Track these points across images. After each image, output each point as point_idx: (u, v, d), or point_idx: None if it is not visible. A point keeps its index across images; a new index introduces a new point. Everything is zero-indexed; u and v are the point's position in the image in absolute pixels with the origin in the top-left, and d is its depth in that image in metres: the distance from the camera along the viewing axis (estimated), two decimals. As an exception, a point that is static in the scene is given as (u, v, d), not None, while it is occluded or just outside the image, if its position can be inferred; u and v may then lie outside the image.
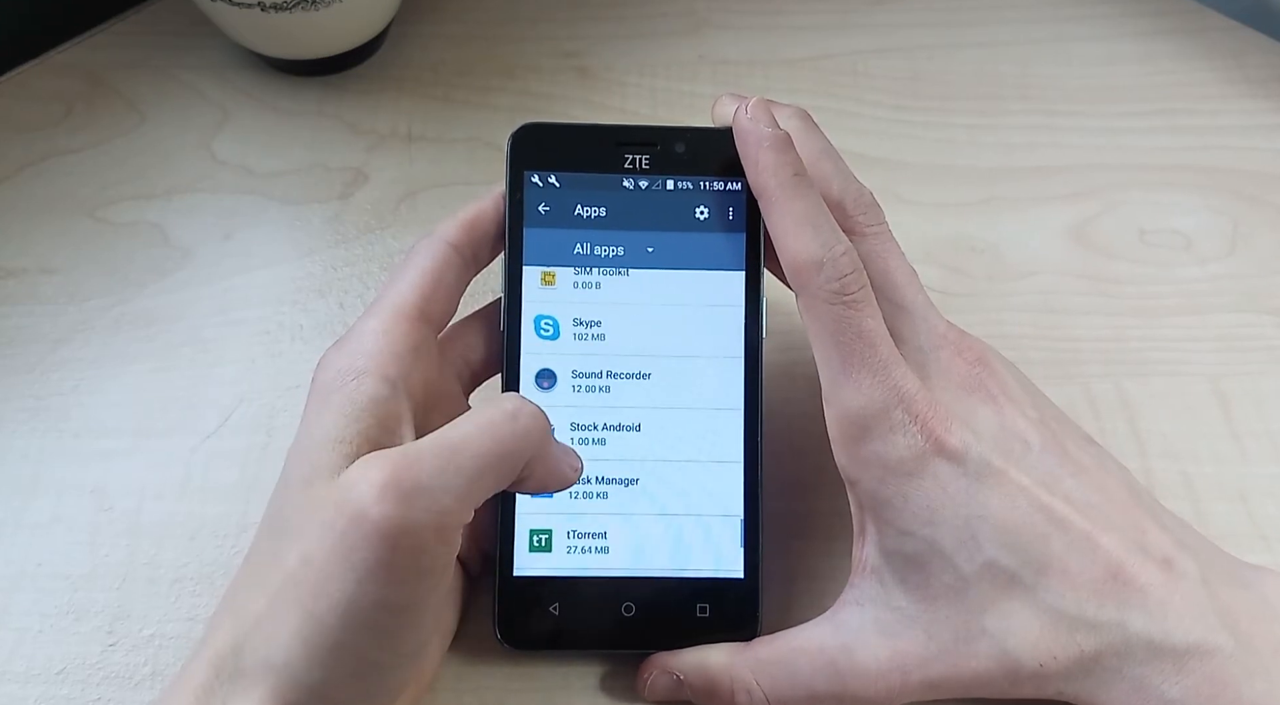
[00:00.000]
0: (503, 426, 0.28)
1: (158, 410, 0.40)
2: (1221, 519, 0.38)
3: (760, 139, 0.32)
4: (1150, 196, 0.46)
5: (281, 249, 0.44)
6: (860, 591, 0.32)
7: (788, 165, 0.32)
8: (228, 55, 0.50)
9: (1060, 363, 0.42)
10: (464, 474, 0.27)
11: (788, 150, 0.32)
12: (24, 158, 0.47)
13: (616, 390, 0.34)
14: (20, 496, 0.38)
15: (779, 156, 0.32)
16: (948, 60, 0.51)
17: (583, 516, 0.34)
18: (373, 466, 0.27)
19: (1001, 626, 0.30)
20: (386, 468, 0.27)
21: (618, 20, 0.52)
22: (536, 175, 0.35)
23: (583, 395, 0.34)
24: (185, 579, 0.37)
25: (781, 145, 0.32)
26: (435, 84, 0.50)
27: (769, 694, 0.32)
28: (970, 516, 0.30)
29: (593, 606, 0.34)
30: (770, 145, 0.32)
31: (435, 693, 0.34)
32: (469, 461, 0.28)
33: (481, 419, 0.28)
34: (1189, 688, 0.29)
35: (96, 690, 0.35)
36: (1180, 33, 0.52)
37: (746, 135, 0.32)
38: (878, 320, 0.31)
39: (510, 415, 0.29)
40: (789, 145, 0.32)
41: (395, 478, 0.27)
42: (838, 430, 0.32)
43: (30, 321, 0.42)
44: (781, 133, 0.32)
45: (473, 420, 0.28)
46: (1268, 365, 0.42)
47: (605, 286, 0.34)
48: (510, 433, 0.28)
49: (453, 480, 0.27)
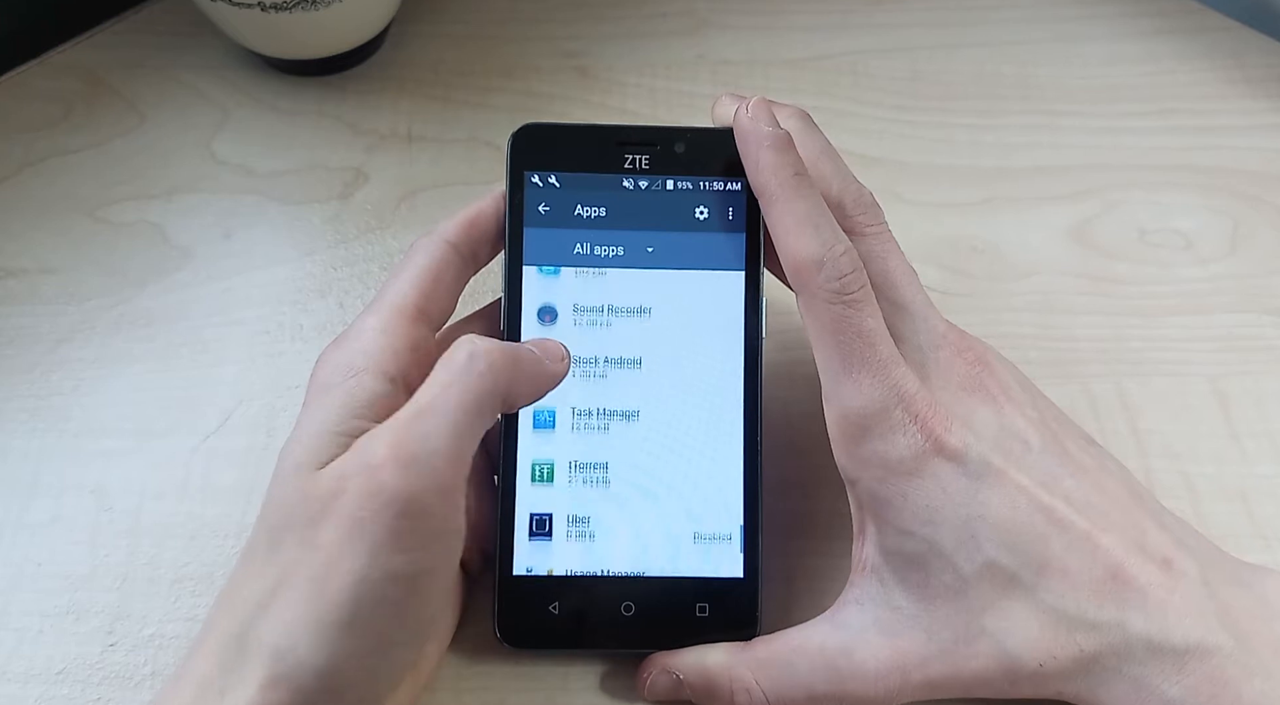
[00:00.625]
0: (466, 377, 0.29)
1: (158, 410, 0.40)
2: (1221, 519, 0.38)
3: (761, 139, 0.32)
4: (1150, 196, 0.46)
5: (281, 249, 0.44)
6: (860, 591, 0.32)
7: (788, 165, 0.32)
8: (228, 55, 0.50)
9: (1060, 363, 0.42)
10: (445, 433, 0.28)
11: (788, 150, 0.32)
12: (24, 158, 0.47)
13: (616, 390, 0.34)
14: (20, 496, 0.38)
15: (779, 156, 0.32)
16: (948, 60, 0.51)
17: (583, 514, 0.34)
18: (377, 441, 0.28)
19: (1001, 626, 0.30)
20: (389, 440, 0.28)
21: (618, 20, 0.52)
22: (536, 175, 0.35)
23: (581, 431, 0.34)
24: (185, 579, 0.37)
25: (782, 145, 0.32)
26: (435, 84, 0.50)
27: (769, 693, 0.32)
28: (970, 516, 0.30)
29: (592, 606, 0.34)
30: (771, 145, 0.32)
31: (435, 692, 0.34)
32: (446, 419, 0.29)
33: (445, 376, 0.29)
34: (1189, 687, 0.29)
35: (96, 690, 0.35)
36: (1180, 33, 0.52)
37: (747, 135, 0.32)
38: (878, 320, 0.31)
39: (466, 363, 0.30)
40: (790, 145, 0.32)
41: (395, 450, 0.28)
42: (837, 429, 0.32)
43: (30, 321, 0.42)
44: (782, 132, 0.32)
45: (437, 380, 0.29)
46: (1268, 365, 0.42)
47: (605, 287, 0.34)
48: (476, 378, 0.29)
49: (438, 442, 0.28)
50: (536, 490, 0.34)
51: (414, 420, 0.29)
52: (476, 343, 0.30)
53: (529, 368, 0.32)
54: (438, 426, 0.28)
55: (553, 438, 0.34)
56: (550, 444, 0.34)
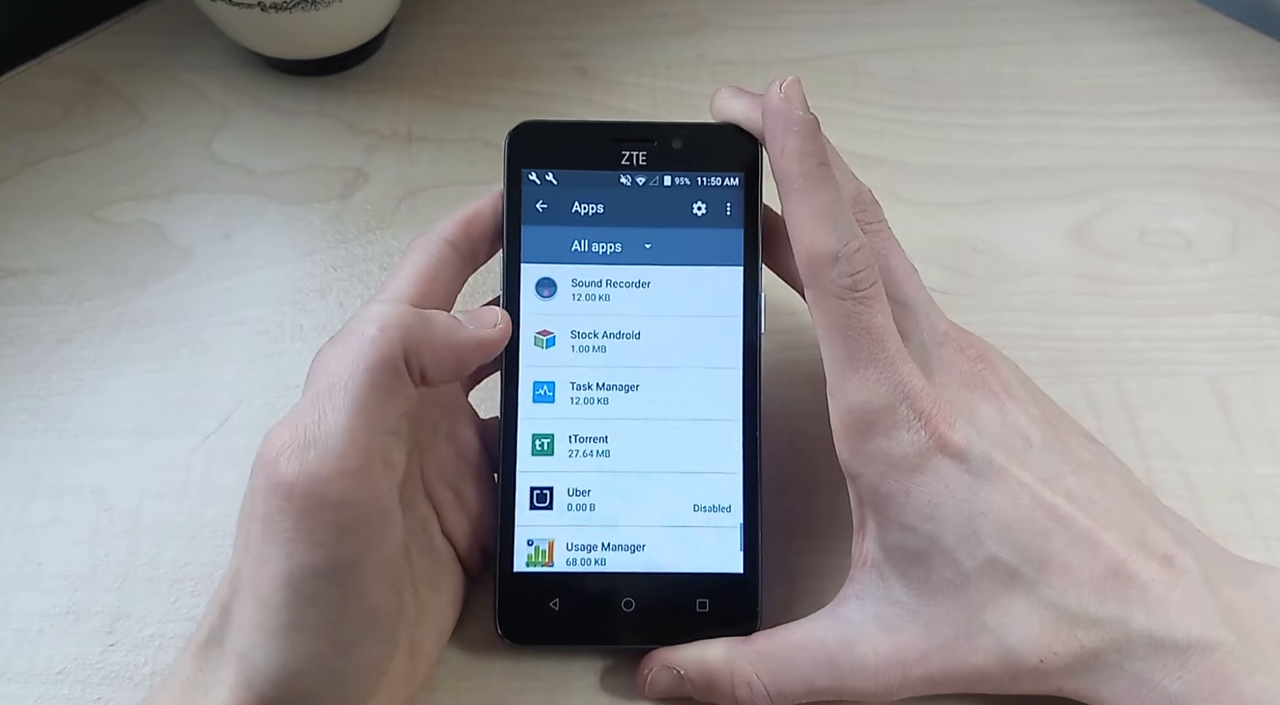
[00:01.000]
0: (360, 347, 0.28)
1: (158, 410, 0.40)
2: (1221, 519, 0.38)
3: (790, 122, 0.31)
4: (1150, 196, 0.46)
5: (281, 249, 0.44)
6: (861, 586, 0.32)
7: (813, 154, 0.31)
8: (228, 55, 0.50)
9: (1060, 363, 0.42)
10: (344, 410, 0.27)
11: (815, 137, 0.31)
12: (24, 158, 0.47)
13: (615, 390, 0.34)
14: (20, 496, 0.38)
15: (805, 143, 0.31)
16: (948, 60, 0.51)
17: (583, 516, 0.34)
18: (274, 432, 0.27)
19: (1002, 622, 0.30)
20: (285, 429, 0.27)
21: (618, 20, 0.52)
22: (534, 173, 0.35)
23: (581, 404, 0.34)
24: (185, 579, 0.37)
25: (810, 131, 0.31)
26: (435, 84, 0.50)
27: (769, 687, 0.32)
28: (972, 513, 0.30)
29: (593, 602, 0.33)
30: (799, 130, 0.31)
31: (435, 690, 0.34)
32: (343, 396, 0.27)
33: (338, 350, 0.28)
34: (1190, 683, 0.29)
35: (96, 690, 0.35)
36: (1180, 33, 0.52)
37: (776, 116, 0.31)
38: (887, 317, 0.31)
39: (357, 329, 0.28)
40: (817, 132, 0.31)
41: (291, 439, 0.27)
42: (841, 424, 0.32)
43: (30, 321, 0.42)
44: (811, 118, 0.31)
45: (331, 356, 0.28)
46: (1268, 365, 0.42)
47: (603, 283, 0.34)
48: (369, 344, 0.28)
49: (335, 420, 0.27)
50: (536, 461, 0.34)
51: (311, 403, 0.27)
52: (370, 308, 0.29)
53: (441, 332, 0.30)
54: (334, 405, 0.27)
55: (552, 462, 0.34)
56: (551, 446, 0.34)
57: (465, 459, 0.35)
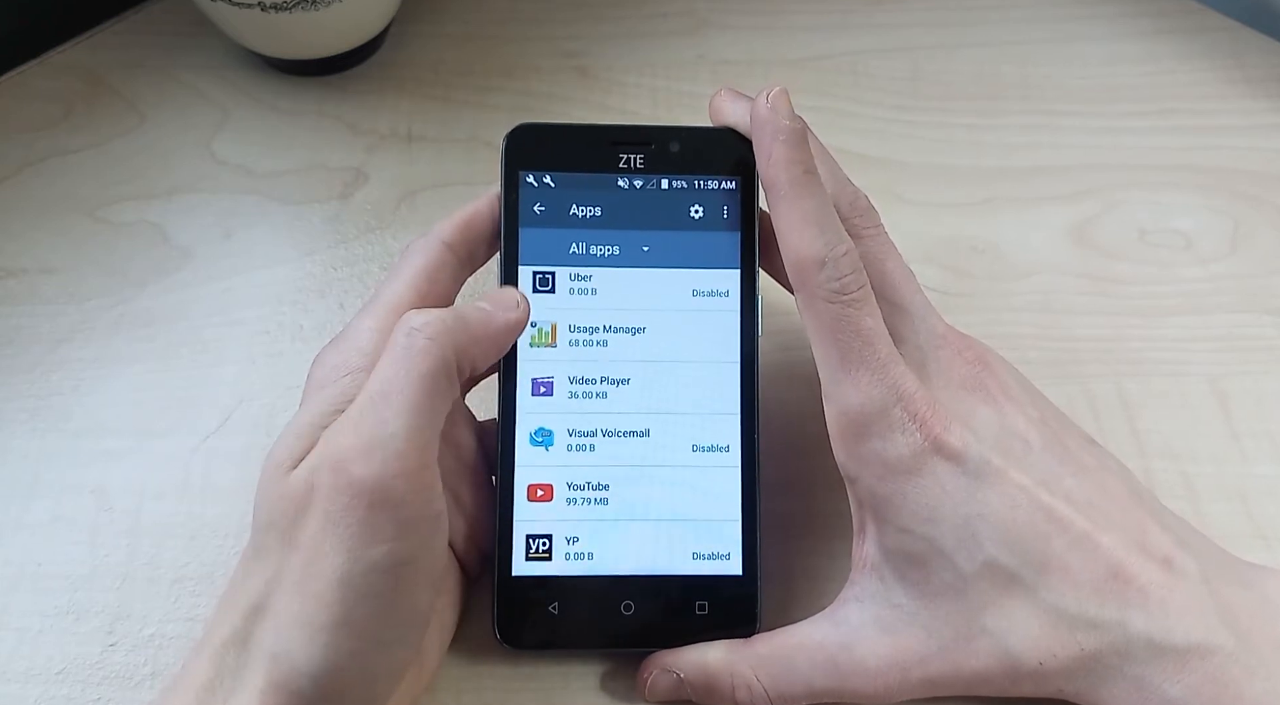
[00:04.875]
0: (410, 353, 0.29)
1: (158, 410, 0.40)
2: (1221, 519, 0.38)
3: (777, 131, 0.31)
4: (1150, 196, 0.46)
5: (281, 249, 0.44)
6: (860, 588, 0.32)
7: (799, 161, 0.31)
8: (228, 55, 0.50)
9: (1060, 363, 0.42)
10: (403, 414, 0.28)
11: (801, 145, 0.31)
12: (24, 158, 0.47)
13: (613, 390, 0.34)
14: (20, 496, 0.38)
15: (792, 151, 0.31)
16: (948, 60, 0.51)
17: (582, 510, 0.34)
18: (338, 433, 0.28)
19: (1002, 625, 0.30)
20: (349, 430, 0.28)
21: (618, 20, 0.52)
22: (531, 175, 0.35)
23: (580, 400, 0.34)
24: (185, 579, 0.37)
25: (797, 140, 0.31)
26: (435, 84, 0.50)
27: (769, 690, 0.32)
28: (970, 515, 0.30)
29: (592, 605, 0.33)
30: (786, 138, 0.31)
31: (435, 693, 0.34)
32: (401, 401, 0.28)
33: (390, 358, 0.29)
34: (1190, 686, 0.29)
35: (96, 690, 0.35)
36: (1180, 33, 0.52)
37: (764, 124, 0.32)
38: (877, 319, 0.31)
39: (407, 341, 0.29)
40: (804, 140, 0.32)
41: (356, 439, 0.28)
42: (837, 428, 0.32)
43: (30, 321, 0.42)
44: (799, 126, 0.32)
45: (384, 364, 0.29)
46: (1268, 365, 0.42)
47: (601, 286, 0.34)
48: (420, 354, 0.29)
49: (396, 424, 0.28)
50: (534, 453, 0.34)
51: (369, 407, 0.28)
52: (414, 318, 0.30)
53: (478, 327, 0.31)
54: (394, 409, 0.28)
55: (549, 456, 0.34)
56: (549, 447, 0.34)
57: (463, 461, 0.35)
